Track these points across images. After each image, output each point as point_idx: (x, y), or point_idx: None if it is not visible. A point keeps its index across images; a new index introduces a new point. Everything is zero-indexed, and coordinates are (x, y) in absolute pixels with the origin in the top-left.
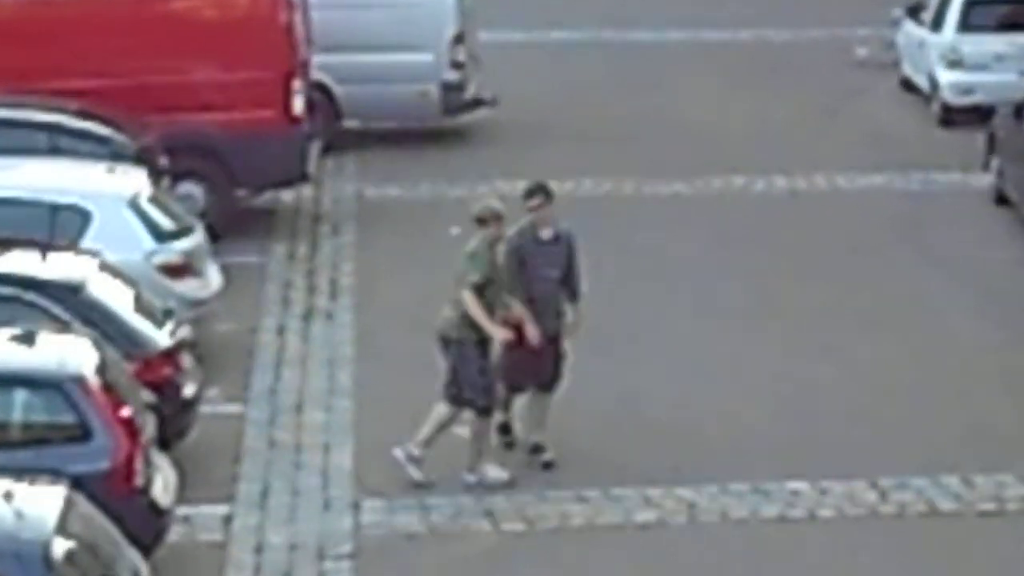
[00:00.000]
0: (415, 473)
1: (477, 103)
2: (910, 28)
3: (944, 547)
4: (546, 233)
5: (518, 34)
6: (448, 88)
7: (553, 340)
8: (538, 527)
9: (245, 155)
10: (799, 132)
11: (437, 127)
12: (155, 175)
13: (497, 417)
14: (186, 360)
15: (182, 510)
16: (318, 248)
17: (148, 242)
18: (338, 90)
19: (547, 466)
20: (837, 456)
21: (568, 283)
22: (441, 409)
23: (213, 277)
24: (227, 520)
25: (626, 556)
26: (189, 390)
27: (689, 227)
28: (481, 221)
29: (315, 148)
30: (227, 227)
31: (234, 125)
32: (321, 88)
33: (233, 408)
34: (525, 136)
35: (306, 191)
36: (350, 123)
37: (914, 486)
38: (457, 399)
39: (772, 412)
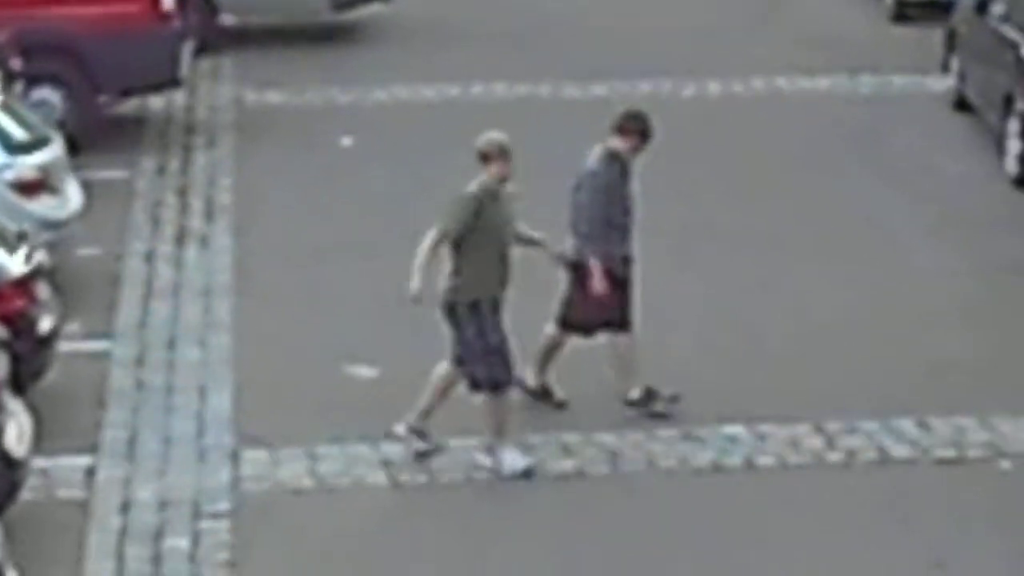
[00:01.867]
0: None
1: None
2: None
3: (898, 498)
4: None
5: None
6: None
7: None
8: (441, 480)
9: (108, 56)
10: (734, 29)
11: (326, 23)
12: (5, 79)
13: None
14: (42, 290)
15: (39, 462)
16: (192, 162)
17: None
18: None
19: None
20: (777, 397)
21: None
22: None
23: (73, 195)
24: (90, 473)
25: (540, 511)
26: (46, 324)
27: None
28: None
29: (188, 48)
30: (89, 138)
31: (96, 21)
32: None
33: (96, 345)
34: (426, 34)
35: (178, 97)
36: (227, 19)
37: (864, 430)
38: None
39: (704, 348)
